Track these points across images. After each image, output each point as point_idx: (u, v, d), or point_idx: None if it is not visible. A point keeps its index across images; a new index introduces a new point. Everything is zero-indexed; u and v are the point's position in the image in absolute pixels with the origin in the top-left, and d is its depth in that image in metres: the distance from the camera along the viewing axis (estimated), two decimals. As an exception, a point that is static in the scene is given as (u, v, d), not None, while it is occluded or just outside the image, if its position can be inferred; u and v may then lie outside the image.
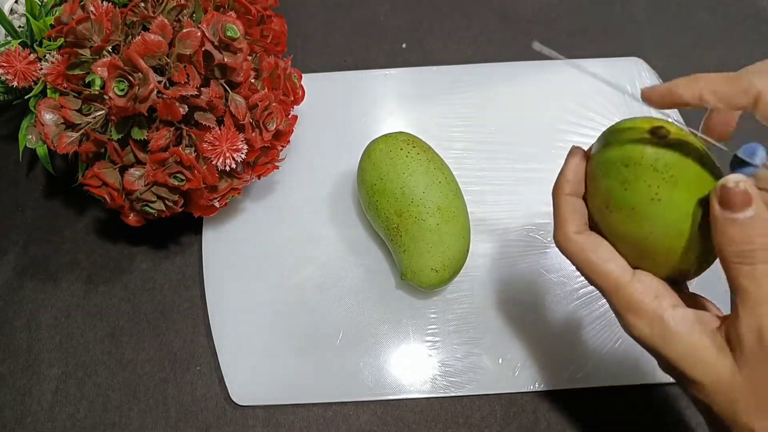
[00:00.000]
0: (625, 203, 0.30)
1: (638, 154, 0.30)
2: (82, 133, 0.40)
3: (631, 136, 0.30)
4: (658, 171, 0.29)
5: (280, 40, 0.48)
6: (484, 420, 0.43)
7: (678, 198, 0.29)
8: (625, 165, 0.30)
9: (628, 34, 0.62)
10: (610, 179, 0.31)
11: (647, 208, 0.29)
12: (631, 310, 0.30)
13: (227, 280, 0.48)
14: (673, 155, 0.29)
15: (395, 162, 0.44)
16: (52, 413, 0.44)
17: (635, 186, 0.30)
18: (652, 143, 0.30)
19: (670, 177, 0.29)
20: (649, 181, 0.29)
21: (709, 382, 0.28)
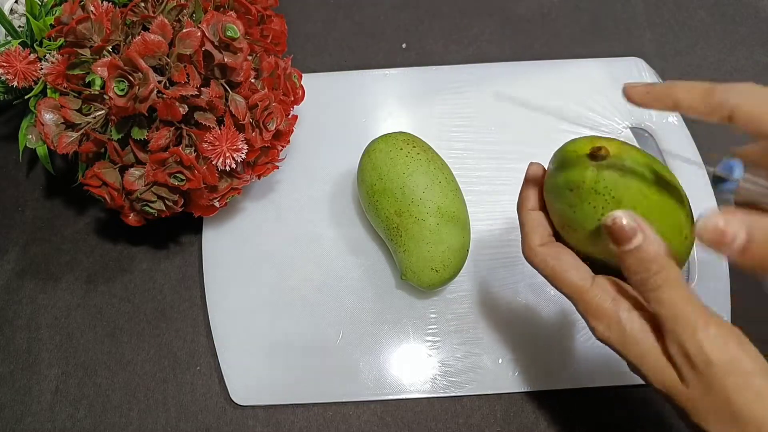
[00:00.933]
0: (577, 224, 0.31)
1: (579, 177, 0.30)
2: (82, 133, 0.40)
3: (574, 159, 0.31)
4: (599, 193, 0.30)
5: (280, 40, 0.48)
6: (484, 420, 0.43)
7: None
8: (570, 189, 0.31)
9: (628, 34, 0.62)
10: (560, 203, 0.32)
11: (597, 228, 0.30)
12: (591, 314, 0.31)
13: (227, 280, 0.48)
14: (613, 176, 0.30)
15: (395, 162, 0.44)
16: (52, 413, 0.44)
17: (582, 208, 0.31)
18: (593, 165, 0.30)
19: (612, 198, 0.30)
20: (593, 203, 0.30)
21: (661, 386, 0.30)
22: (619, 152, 0.30)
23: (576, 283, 0.32)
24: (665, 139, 0.53)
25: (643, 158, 0.31)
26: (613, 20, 0.62)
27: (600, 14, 0.63)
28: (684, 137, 0.53)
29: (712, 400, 0.28)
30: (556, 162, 0.33)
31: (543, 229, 0.34)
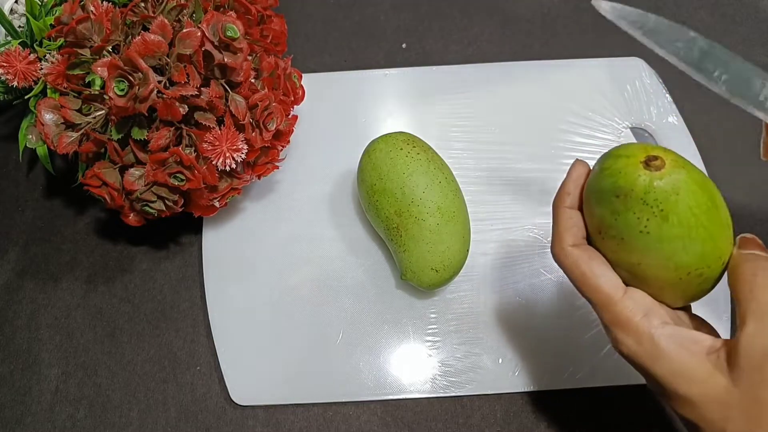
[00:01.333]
0: (616, 232, 0.30)
1: (629, 185, 0.29)
2: (82, 133, 0.40)
3: (625, 164, 0.30)
4: (647, 204, 0.29)
5: (280, 40, 0.48)
6: (484, 420, 0.43)
7: (668, 233, 0.29)
8: (616, 195, 0.30)
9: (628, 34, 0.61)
10: (602, 207, 0.31)
11: (636, 240, 0.30)
12: (619, 326, 0.30)
13: (227, 280, 0.48)
14: (665, 189, 0.29)
15: (395, 162, 0.44)
16: (52, 413, 0.44)
17: (625, 217, 0.30)
18: (645, 174, 0.29)
19: (660, 211, 0.29)
20: (638, 214, 0.29)
21: (700, 399, 0.29)
22: (675, 164, 0.29)
23: (607, 291, 0.31)
24: (665, 139, 0.53)
25: (698, 176, 0.30)
26: (613, 20, 0.62)
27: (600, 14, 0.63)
28: (684, 137, 0.53)
29: (762, 406, 0.27)
30: (605, 164, 0.31)
31: (578, 230, 0.33)
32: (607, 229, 0.31)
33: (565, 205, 0.33)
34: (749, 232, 0.31)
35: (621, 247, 0.30)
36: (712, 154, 0.53)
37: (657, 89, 0.56)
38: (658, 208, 0.29)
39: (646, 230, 0.29)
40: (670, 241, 0.29)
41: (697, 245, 0.29)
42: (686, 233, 0.29)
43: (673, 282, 0.30)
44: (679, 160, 0.30)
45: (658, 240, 0.29)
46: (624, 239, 0.30)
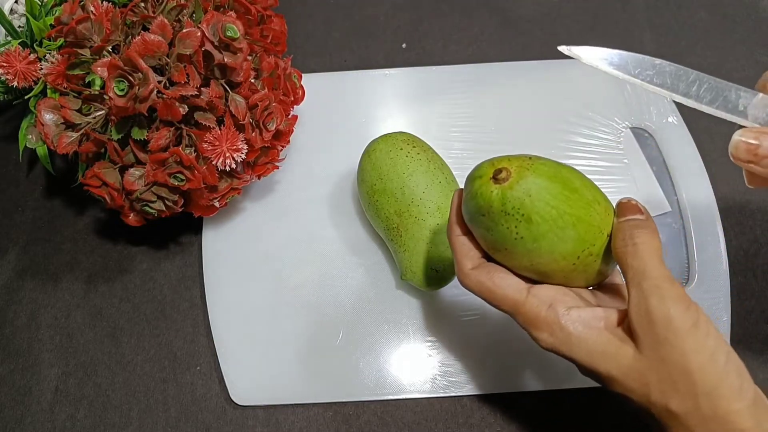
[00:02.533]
0: (499, 245, 0.32)
1: (487, 203, 0.31)
2: (82, 133, 0.40)
3: (480, 184, 0.31)
4: (509, 214, 0.30)
5: (280, 40, 0.48)
6: (484, 420, 0.43)
7: (537, 231, 0.30)
8: (482, 215, 0.31)
9: (628, 34, 0.62)
10: (478, 227, 0.32)
11: (516, 246, 0.31)
12: (531, 324, 0.32)
13: (227, 280, 0.48)
14: (517, 196, 0.30)
15: (395, 162, 0.44)
16: (52, 413, 0.44)
17: (497, 230, 0.31)
18: (496, 188, 0.31)
19: (522, 216, 0.30)
20: (506, 224, 0.31)
21: (617, 373, 0.30)
22: (520, 170, 0.31)
23: (511, 297, 0.32)
24: (665, 139, 0.53)
25: (546, 169, 0.31)
26: (613, 20, 0.62)
27: (600, 14, 0.63)
28: (684, 137, 0.53)
29: (668, 365, 0.28)
30: (466, 188, 0.33)
31: (473, 253, 0.34)
32: (492, 244, 0.32)
33: (456, 234, 0.35)
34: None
35: (510, 256, 0.32)
36: (712, 155, 0.53)
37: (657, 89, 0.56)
38: (519, 214, 0.30)
39: (519, 236, 0.31)
40: (543, 238, 0.30)
41: (570, 231, 0.30)
42: (553, 225, 0.30)
43: (570, 269, 0.32)
44: (524, 163, 0.31)
45: (533, 240, 0.30)
46: (507, 248, 0.32)
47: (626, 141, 0.54)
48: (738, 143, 0.29)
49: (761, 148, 0.28)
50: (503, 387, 0.44)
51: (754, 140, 0.28)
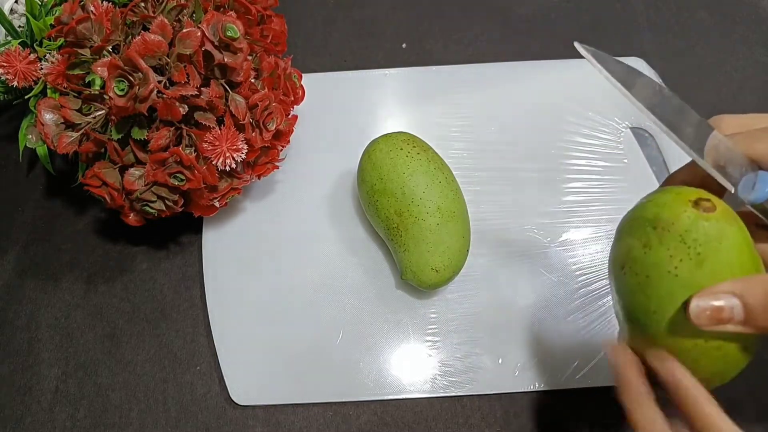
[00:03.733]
0: (641, 268, 0.27)
1: (671, 217, 0.27)
2: (82, 133, 0.40)
3: (674, 199, 0.27)
4: (685, 243, 0.26)
5: (280, 40, 0.48)
6: (484, 420, 0.43)
7: (699, 280, 0.26)
8: (653, 227, 0.27)
9: (628, 34, 0.62)
10: (633, 237, 0.28)
11: (661, 280, 0.27)
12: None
13: (227, 280, 0.48)
14: (709, 232, 0.26)
15: (395, 162, 0.44)
16: (52, 413, 0.44)
17: (657, 252, 0.27)
18: (692, 212, 0.26)
19: (696, 254, 0.26)
20: (672, 251, 0.26)
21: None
22: (726, 215, 0.26)
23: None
24: (665, 139, 0.53)
25: (748, 237, 0.27)
26: (613, 20, 0.62)
27: (600, 14, 0.63)
28: (684, 137, 0.53)
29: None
30: (650, 196, 0.29)
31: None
32: (632, 263, 0.28)
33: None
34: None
35: (642, 287, 0.27)
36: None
37: (657, 89, 0.56)
38: (695, 251, 0.26)
39: (675, 272, 0.26)
40: (696, 290, 0.26)
41: None
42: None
43: (687, 346, 0.27)
44: (731, 212, 0.27)
45: (685, 286, 0.26)
46: (649, 277, 0.27)
47: (626, 141, 0.54)
48: (697, 310, 0.25)
49: (725, 311, 0.25)
50: (503, 387, 0.44)
51: (715, 302, 0.25)
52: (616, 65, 0.30)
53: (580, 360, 0.45)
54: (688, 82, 0.58)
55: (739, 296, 0.25)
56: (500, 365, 0.45)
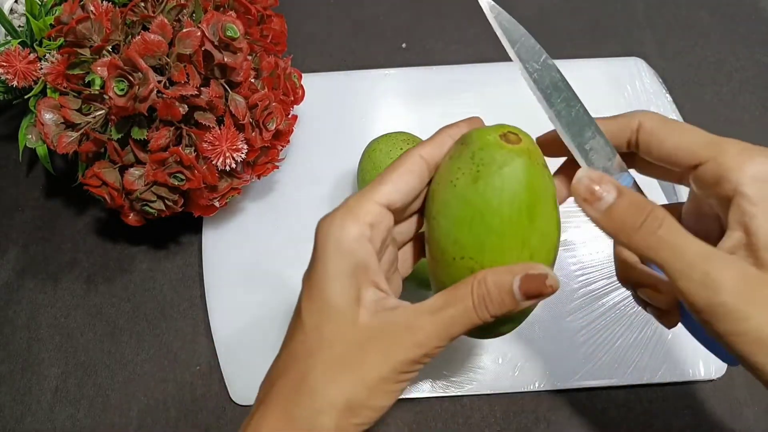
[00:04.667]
0: (438, 176, 0.29)
1: (476, 139, 0.28)
2: (82, 132, 0.40)
3: (492, 128, 0.29)
4: (473, 160, 0.27)
5: (280, 40, 0.48)
6: (484, 420, 0.43)
7: (468, 195, 0.27)
8: (461, 143, 0.29)
9: (628, 34, 0.62)
10: (452, 148, 0.29)
11: (444, 188, 0.28)
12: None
13: (227, 280, 0.48)
14: (494, 156, 0.27)
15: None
16: (52, 413, 0.44)
17: (451, 162, 0.28)
18: (492, 138, 0.28)
19: (476, 172, 0.27)
20: (460, 165, 0.27)
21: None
22: (522, 152, 0.27)
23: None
24: (665, 139, 0.53)
25: (536, 171, 0.28)
26: (613, 20, 0.62)
27: (600, 14, 0.63)
28: (684, 137, 0.53)
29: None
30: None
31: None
32: (438, 172, 0.29)
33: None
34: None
35: (430, 194, 0.29)
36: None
37: (657, 89, 0.56)
38: (476, 168, 0.27)
39: (455, 182, 0.27)
40: (465, 207, 0.27)
41: (483, 231, 0.27)
42: (481, 210, 0.26)
43: (445, 262, 0.28)
44: (536, 154, 0.28)
45: (457, 197, 0.27)
46: (438, 184, 0.28)
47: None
48: (581, 179, 0.27)
49: (598, 190, 0.26)
50: (503, 387, 0.44)
51: (596, 179, 0.26)
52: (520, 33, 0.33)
53: (580, 360, 0.45)
54: (688, 82, 0.58)
55: (617, 191, 0.27)
56: (500, 365, 0.45)
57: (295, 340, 0.28)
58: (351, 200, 0.29)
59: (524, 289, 0.26)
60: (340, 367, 0.26)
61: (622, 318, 0.46)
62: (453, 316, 0.27)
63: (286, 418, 0.26)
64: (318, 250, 0.29)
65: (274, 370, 0.29)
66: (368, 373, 0.26)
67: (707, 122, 0.55)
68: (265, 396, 0.28)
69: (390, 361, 0.26)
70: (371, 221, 0.28)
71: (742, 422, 0.43)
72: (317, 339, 0.27)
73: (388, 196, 0.28)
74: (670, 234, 0.25)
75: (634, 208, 0.26)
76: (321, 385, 0.26)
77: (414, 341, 0.26)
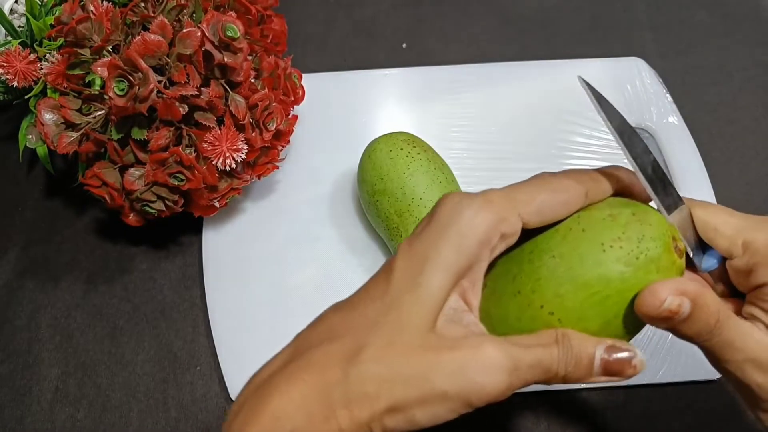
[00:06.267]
0: (586, 221, 0.27)
1: (650, 220, 0.26)
2: (82, 133, 0.40)
3: (667, 229, 0.27)
4: (639, 244, 0.26)
5: (280, 40, 0.48)
6: (484, 420, 0.43)
7: (611, 271, 0.25)
8: (632, 212, 0.27)
9: (628, 34, 0.62)
10: (610, 210, 0.27)
11: (587, 243, 0.26)
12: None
13: (227, 280, 0.48)
14: (661, 262, 0.25)
15: (395, 162, 0.44)
16: (52, 413, 0.44)
17: (613, 224, 0.26)
18: (667, 243, 0.26)
19: (636, 258, 0.25)
20: (620, 233, 0.26)
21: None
22: (671, 267, 0.26)
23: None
24: (665, 139, 0.53)
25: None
26: (613, 20, 0.62)
27: (600, 14, 0.63)
28: (684, 137, 0.53)
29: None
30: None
31: None
32: (589, 216, 0.27)
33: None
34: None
35: (564, 230, 0.27)
36: (712, 154, 0.53)
37: (657, 89, 0.56)
38: (636, 255, 0.25)
39: (604, 248, 0.26)
40: (601, 280, 0.25)
41: (598, 309, 0.26)
42: (609, 294, 0.25)
43: (527, 302, 0.27)
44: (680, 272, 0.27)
45: (598, 265, 0.26)
46: (582, 231, 0.27)
47: (626, 141, 0.54)
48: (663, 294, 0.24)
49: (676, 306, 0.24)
50: (503, 387, 0.44)
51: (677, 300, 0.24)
52: (615, 113, 0.29)
53: (580, 360, 0.44)
54: (688, 82, 0.58)
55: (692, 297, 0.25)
56: (500, 365, 0.45)
57: (366, 299, 0.26)
58: (494, 195, 0.25)
59: (605, 362, 0.25)
60: (402, 359, 0.23)
61: (622, 318, 0.46)
62: (534, 354, 0.24)
63: (322, 385, 0.23)
64: (437, 221, 0.25)
65: (326, 322, 0.27)
66: (432, 382, 0.23)
67: (707, 122, 0.55)
68: (297, 352, 0.26)
69: (461, 382, 0.23)
70: (505, 231, 0.25)
71: (743, 423, 0.43)
72: (395, 311, 0.24)
73: (534, 213, 0.26)
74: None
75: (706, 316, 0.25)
76: (375, 369, 0.23)
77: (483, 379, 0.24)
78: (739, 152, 0.54)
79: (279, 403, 0.24)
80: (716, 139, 0.54)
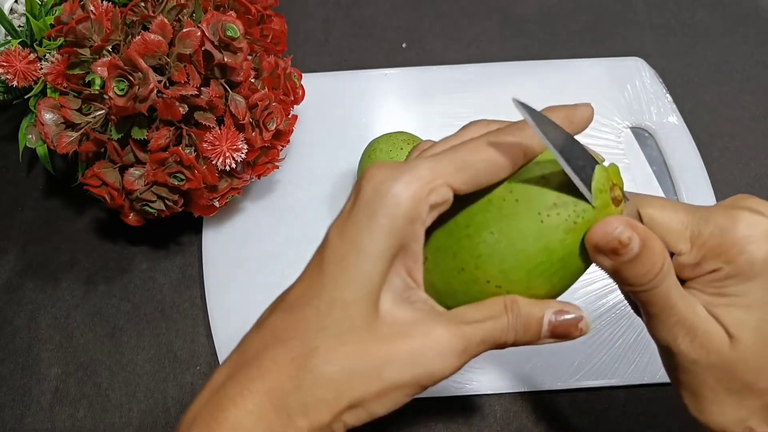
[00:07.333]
0: (519, 193, 0.26)
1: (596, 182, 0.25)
2: (82, 132, 0.40)
3: (606, 183, 0.26)
4: (575, 208, 0.25)
5: (280, 40, 0.48)
6: (484, 420, 0.43)
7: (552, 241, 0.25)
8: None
9: (628, 34, 0.62)
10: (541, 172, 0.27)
11: (523, 216, 0.26)
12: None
13: (227, 280, 0.48)
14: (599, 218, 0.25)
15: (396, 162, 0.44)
16: (52, 413, 0.44)
17: (548, 193, 0.26)
18: (606, 199, 0.25)
19: (574, 223, 0.25)
20: (556, 198, 0.25)
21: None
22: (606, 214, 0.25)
23: None
24: (665, 138, 0.53)
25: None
26: (613, 20, 0.62)
27: (600, 14, 0.63)
28: (684, 137, 0.53)
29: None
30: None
31: None
32: (520, 184, 0.27)
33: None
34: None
35: (497, 202, 0.27)
36: (712, 154, 0.53)
37: (657, 89, 0.56)
38: (573, 220, 0.25)
39: (542, 218, 0.25)
40: (544, 251, 0.25)
41: (543, 278, 0.26)
42: (552, 260, 0.25)
43: (471, 278, 0.26)
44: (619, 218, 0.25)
45: (538, 237, 0.25)
46: (516, 202, 0.26)
47: (626, 141, 0.54)
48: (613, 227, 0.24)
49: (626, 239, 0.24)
50: (503, 387, 0.44)
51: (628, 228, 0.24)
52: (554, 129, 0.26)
53: (580, 360, 0.45)
54: (688, 82, 0.58)
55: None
56: (500, 365, 0.45)
57: (304, 298, 0.25)
58: (420, 166, 0.24)
59: (553, 325, 0.25)
60: (356, 356, 0.23)
61: (622, 318, 0.46)
62: (484, 329, 0.24)
63: (277, 394, 0.23)
64: (364, 201, 0.25)
65: (269, 326, 0.26)
66: (389, 375, 0.23)
67: (707, 122, 0.55)
68: (243, 359, 0.26)
69: (416, 370, 0.23)
70: (434, 201, 0.24)
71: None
72: (337, 308, 0.24)
73: (464, 182, 0.24)
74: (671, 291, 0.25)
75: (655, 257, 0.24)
76: (329, 371, 0.23)
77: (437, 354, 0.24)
78: (739, 152, 0.54)
79: (236, 417, 0.23)
80: (716, 139, 0.54)
